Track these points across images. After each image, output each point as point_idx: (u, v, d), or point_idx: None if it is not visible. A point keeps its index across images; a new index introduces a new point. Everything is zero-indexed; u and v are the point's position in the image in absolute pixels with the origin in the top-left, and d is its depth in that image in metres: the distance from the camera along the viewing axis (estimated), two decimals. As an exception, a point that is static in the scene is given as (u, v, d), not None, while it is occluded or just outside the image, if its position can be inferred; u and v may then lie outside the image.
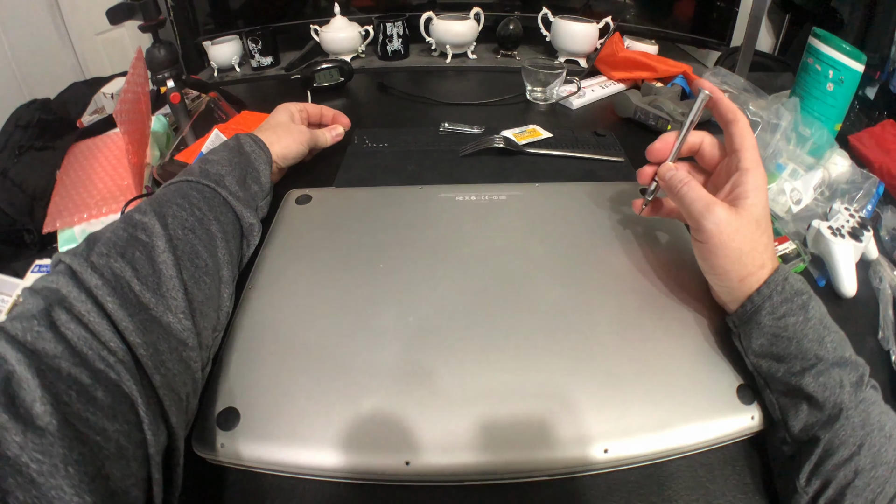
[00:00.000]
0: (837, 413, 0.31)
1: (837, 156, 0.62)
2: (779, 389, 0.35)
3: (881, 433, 0.30)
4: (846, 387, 0.32)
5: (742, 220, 0.36)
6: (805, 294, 0.35)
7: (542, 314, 0.42)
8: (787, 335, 0.34)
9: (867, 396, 0.32)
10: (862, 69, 0.65)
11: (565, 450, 0.33)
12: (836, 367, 0.32)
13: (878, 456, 0.30)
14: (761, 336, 0.35)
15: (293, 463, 0.34)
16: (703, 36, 1.05)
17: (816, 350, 0.33)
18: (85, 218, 0.54)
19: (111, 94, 0.84)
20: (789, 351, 0.34)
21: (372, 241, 0.49)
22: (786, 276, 0.36)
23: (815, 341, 0.33)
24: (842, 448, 0.30)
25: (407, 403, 0.35)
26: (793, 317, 0.34)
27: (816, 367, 0.33)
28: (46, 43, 1.23)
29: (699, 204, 0.37)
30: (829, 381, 0.32)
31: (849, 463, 0.30)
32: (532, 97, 0.87)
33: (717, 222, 0.36)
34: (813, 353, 0.33)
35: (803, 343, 0.34)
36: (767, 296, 0.35)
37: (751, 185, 0.37)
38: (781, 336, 0.34)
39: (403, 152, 0.70)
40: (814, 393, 0.32)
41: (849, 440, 0.30)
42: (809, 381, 0.32)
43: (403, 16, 1.05)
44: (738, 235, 0.36)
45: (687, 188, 0.39)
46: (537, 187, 0.58)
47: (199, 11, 1.05)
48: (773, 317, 0.35)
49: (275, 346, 0.40)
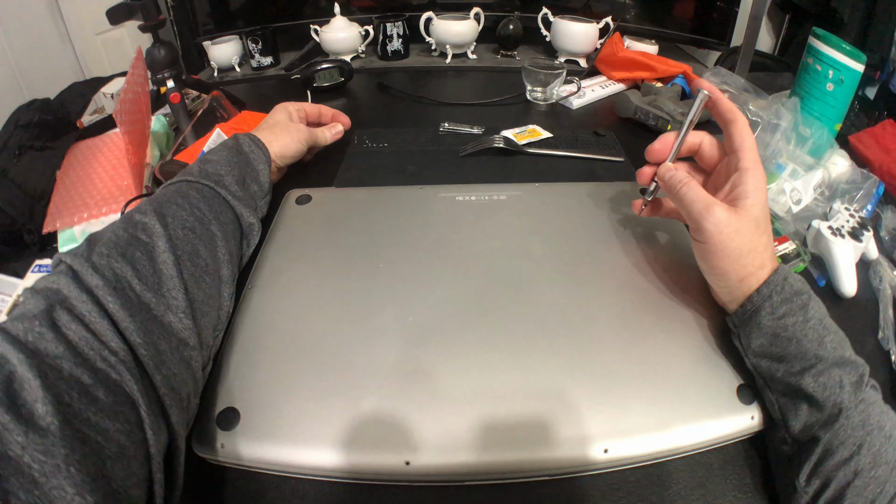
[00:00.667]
0: (837, 413, 0.31)
1: (837, 156, 0.62)
2: (778, 389, 0.35)
3: (881, 433, 0.30)
4: (846, 387, 0.32)
5: (741, 221, 0.36)
6: (805, 294, 0.35)
7: (542, 314, 0.42)
8: (786, 335, 0.34)
9: (867, 396, 0.32)
10: (862, 69, 0.65)
11: (565, 450, 0.33)
12: (836, 367, 0.32)
13: (878, 456, 0.30)
14: (761, 336, 0.35)
15: (293, 463, 0.34)
16: (702, 36, 1.05)
17: (816, 350, 0.33)
18: (85, 218, 0.54)
19: (111, 94, 0.84)
20: (789, 351, 0.34)
21: (372, 241, 0.49)
22: (785, 276, 0.36)
23: (814, 341, 0.33)
24: (841, 448, 0.30)
25: (407, 403, 0.35)
26: (792, 317, 0.34)
27: (816, 367, 0.33)
28: (46, 43, 1.23)
29: (698, 204, 0.37)
30: (828, 381, 0.32)
31: (848, 463, 0.30)
32: (532, 97, 0.87)
33: (717, 222, 0.36)
34: (813, 353, 0.33)
35: (803, 343, 0.34)
36: (767, 296, 0.35)
37: (750, 185, 0.37)
38: (781, 336, 0.34)
39: (403, 152, 0.70)
40: (813, 393, 0.32)
41: (848, 440, 0.30)
42: (809, 382, 0.32)
43: (403, 16, 1.05)
44: (737, 236, 0.36)
45: (686, 188, 0.38)
46: (537, 187, 0.58)
47: (199, 11, 1.05)
48: (772, 317, 0.35)
49: (275, 346, 0.40)
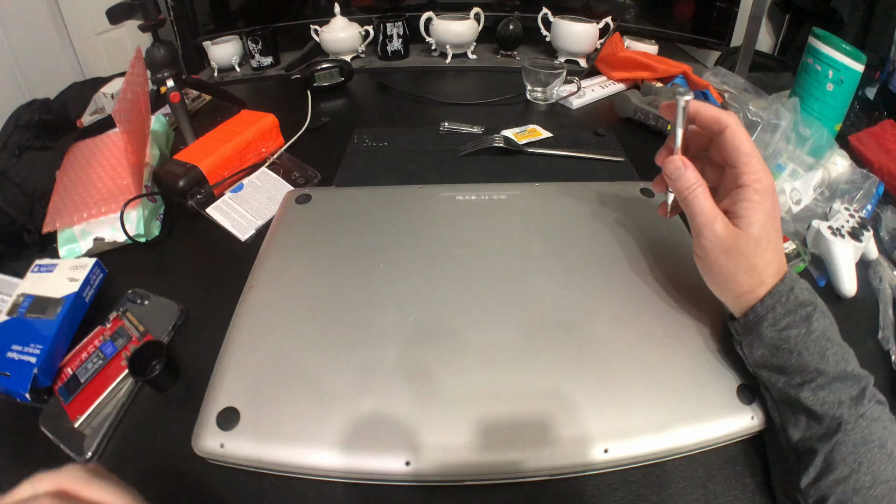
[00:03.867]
0: (836, 427, 0.31)
1: (837, 156, 0.62)
2: (778, 398, 0.34)
3: (882, 451, 0.30)
4: (846, 402, 0.31)
5: (738, 240, 0.34)
6: (810, 306, 0.34)
7: (542, 314, 0.42)
8: (787, 347, 0.34)
9: (869, 411, 0.31)
10: (862, 69, 0.65)
11: (565, 450, 0.33)
12: (838, 381, 0.32)
13: (878, 475, 0.29)
14: (762, 346, 0.35)
15: (293, 463, 0.34)
16: (702, 36, 1.05)
17: (817, 364, 0.32)
18: (84, 218, 0.54)
19: (111, 94, 0.84)
20: (790, 363, 0.33)
21: (372, 240, 0.49)
22: (791, 286, 0.35)
23: (816, 355, 0.33)
24: (841, 465, 0.30)
25: (407, 403, 0.35)
26: (795, 329, 0.34)
27: (816, 381, 0.32)
28: (46, 43, 1.22)
29: (701, 217, 0.36)
30: (828, 396, 0.31)
31: (847, 480, 0.29)
32: (532, 97, 0.87)
33: (713, 238, 0.35)
34: (814, 367, 0.32)
35: (804, 356, 0.33)
36: (770, 307, 0.35)
37: (751, 201, 0.34)
38: (782, 348, 0.34)
39: (403, 152, 0.70)
40: (812, 406, 0.32)
41: (848, 457, 0.30)
42: (808, 395, 0.32)
43: (403, 16, 1.05)
44: (732, 254, 0.35)
45: (692, 197, 0.36)
46: (537, 187, 0.58)
47: (199, 11, 1.05)
48: (774, 328, 0.34)
49: (275, 346, 0.40)
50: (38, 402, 0.40)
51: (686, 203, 0.37)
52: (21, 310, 0.43)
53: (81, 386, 0.40)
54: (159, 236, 0.58)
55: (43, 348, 0.40)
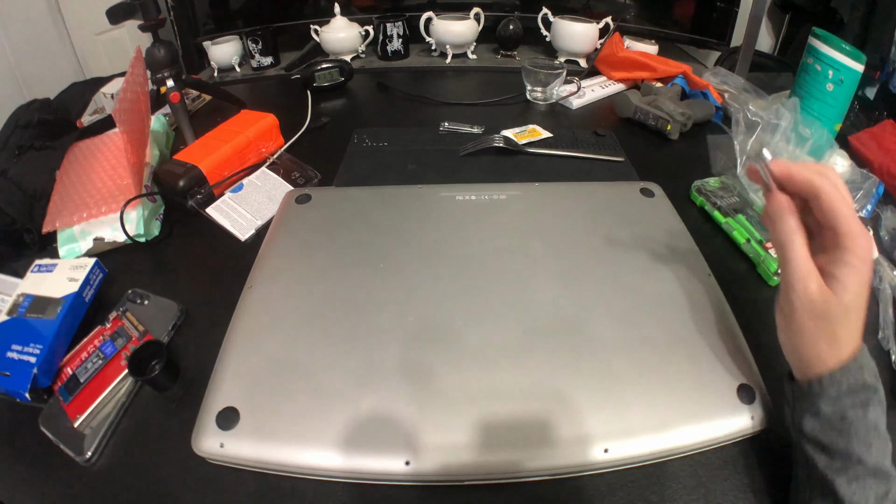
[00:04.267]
0: None
1: (837, 156, 0.62)
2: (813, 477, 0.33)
3: None
4: (871, 501, 0.30)
5: (829, 304, 0.32)
6: (871, 390, 0.33)
7: (542, 314, 0.42)
8: (840, 428, 0.32)
9: None
10: (862, 69, 0.65)
11: (565, 450, 0.33)
12: (872, 476, 0.31)
13: None
14: (815, 418, 0.33)
15: (293, 463, 0.34)
16: (702, 36, 1.05)
17: (862, 453, 0.31)
18: (84, 217, 0.54)
19: (111, 94, 0.84)
20: (837, 446, 0.32)
21: (372, 240, 0.49)
22: (862, 364, 0.33)
23: (863, 444, 0.32)
24: None
25: (407, 403, 0.35)
26: (852, 411, 0.32)
27: (854, 471, 0.31)
28: (46, 43, 1.23)
29: (795, 269, 0.33)
30: (859, 490, 0.31)
31: None
32: (532, 97, 0.87)
33: (804, 296, 0.32)
34: (857, 456, 0.31)
35: (853, 443, 0.31)
36: (837, 381, 0.32)
37: (850, 266, 0.32)
38: (835, 428, 0.32)
39: (403, 152, 0.70)
40: (842, 497, 0.31)
41: None
42: (843, 483, 0.31)
43: (403, 16, 1.05)
44: (818, 319, 0.32)
45: (791, 245, 0.33)
46: (537, 187, 0.58)
47: (199, 11, 1.05)
48: (833, 407, 0.32)
49: (274, 345, 0.40)
50: (37, 401, 0.40)
51: (782, 249, 0.34)
52: (21, 310, 0.43)
53: (81, 386, 0.40)
54: (159, 236, 0.58)
55: (43, 348, 0.40)
